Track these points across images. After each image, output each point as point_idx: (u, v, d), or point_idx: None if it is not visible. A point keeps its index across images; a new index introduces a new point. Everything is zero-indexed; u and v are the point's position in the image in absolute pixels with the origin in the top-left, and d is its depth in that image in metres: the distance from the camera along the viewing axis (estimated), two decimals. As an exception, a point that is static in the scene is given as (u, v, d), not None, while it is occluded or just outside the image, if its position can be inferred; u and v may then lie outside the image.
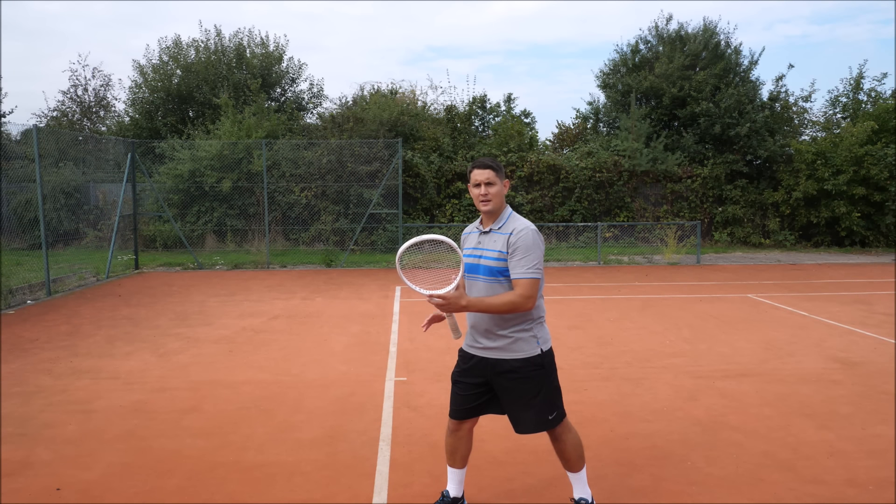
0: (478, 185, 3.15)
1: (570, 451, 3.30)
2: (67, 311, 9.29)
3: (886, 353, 6.74)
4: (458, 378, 3.32)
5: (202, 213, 17.14)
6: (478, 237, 3.24)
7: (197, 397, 5.33)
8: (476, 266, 3.17)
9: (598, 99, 22.17)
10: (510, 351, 3.13)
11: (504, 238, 3.11)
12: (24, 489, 3.72)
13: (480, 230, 3.25)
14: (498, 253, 3.10)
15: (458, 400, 3.32)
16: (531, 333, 3.15)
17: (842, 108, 20.08)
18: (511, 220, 3.18)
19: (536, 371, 3.14)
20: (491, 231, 3.19)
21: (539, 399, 3.16)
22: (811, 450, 4.24)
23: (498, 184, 3.15)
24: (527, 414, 3.17)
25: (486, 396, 3.26)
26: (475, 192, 3.17)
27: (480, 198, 3.15)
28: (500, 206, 3.20)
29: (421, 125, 18.74)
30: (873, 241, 18.12)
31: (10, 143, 19.12)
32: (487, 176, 3.13)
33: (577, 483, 3.38)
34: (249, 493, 3.67)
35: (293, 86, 22.37)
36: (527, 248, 3.05)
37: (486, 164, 3.16)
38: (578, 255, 16.22)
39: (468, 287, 3.22)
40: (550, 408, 3.19)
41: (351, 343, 7.25)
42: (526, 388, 3.14)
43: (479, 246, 3.20)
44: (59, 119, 22.09)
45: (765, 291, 10.81)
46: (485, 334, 3.17)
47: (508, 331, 3.13)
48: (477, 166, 3.18)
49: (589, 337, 7.52)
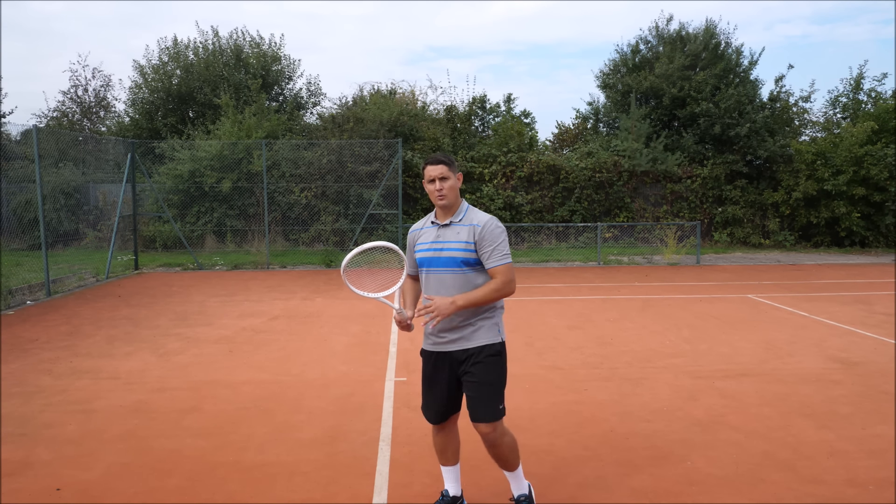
0: (432, 180, 3.18)
1: (508, 452, 3.27)
2: (67, 311, 9.29)
3: (886, 353, 6.74)
4: (431, 382, 3.32)
5: (202, 213, 17.14)
6: (436, 231, 3.25)
7: (197, 397, 5.33)
8: (435, 259, 3.19)
9: (597, 99, 22.21)
10: (474, 339, 3.17)
11: (468, 229, 3.16)
12: (24, 489, 3.72)
13: (438, 224, 3.25)
14: (464, 244, 3.14)
15: (434, 404, 3.32)
16: (493, 321, 3.21)
17: (842, 108, 20.09)
18: (470, 212, 3.24)
19: (495, 358, 3.19)
20: (451, 224, 3.21)
21: (494, 388, 3.18)
22: (811, 450, 4.24)
23: (452, 178, 3.19)
24: (483, 400, 3.16)
25: (459, 390, 3.29)
26: (430, 188, 3.19)
27: (436, 193, 3.17)
28: (456, 199, 3.24)
29: (421, 125, 18.74)
30: (873, 241, 18.13)
31: (10, 143, 19.11)
32: (441, 171, 3.16)
33: (515, 480, 3.38)
34: (249, 493, 3.66)
35: (290, 84, 22.38)
36: (495, 238, 3.13)
37: (439, 160, 3.19)
38: (578, 255, 16.23)
39: (424, 281, 3.26)
40: (500, 398, 3.21)
41: (351, 343, 7.25)
42: (485, 372, 3.16)
43: (439, 239, 3.21)
44: (59, 119, 22.10)
45: (765, 292, 10.81)
46: (451, 328, 3.18)
47: (473, 318, 3.17)
48: (430, 162, 3.21)
49: (589, 337, 7.52)
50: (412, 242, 3.34)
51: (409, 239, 3.39)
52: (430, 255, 3.21)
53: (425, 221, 3.36)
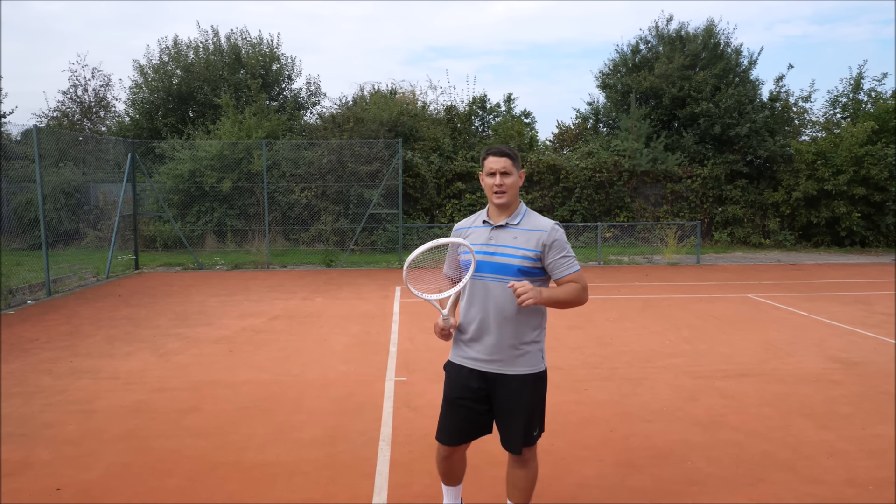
0: (493, 173, 2.80)
1: (531, 479, 3.01)
2: (67, 311, 9.29)
3: (886, 353, 6.74)
4: (460, 399, 2.92)
5: (202, 213, 17.14)
6: (489, 232, 2.86)
7: (197, 397, 5.33)
8: (486, 264, 2.82)
9: (597, 99, 22.22)
10: (516, 365, 2.85)
11: (527, 235, 2.82)
12: (24, 489, 3.72)
13: (491, 224, 2.87)
14: (523, 251, 2.79)
15: (456, 423, 2.95)
16: (539, 346, 2.93)
17: (842, 108, 20.08)
18: (530, 215, 2.90)
19: (538, 385, 2.93)
20: (507, 226, 2.85)
21: (534, 414, 2.94)
22: (811, 450, 4.24)
23: (514, 174, 2.82)
24: (519, 429, 2.90)
25: (488, 416, 2.97)
26: (489, 182, 2.82)
27: (495, 188, 2.80)
28: (515, 198, 2.87)
29: (421, 125, 18.75)
30: (873, 241, 18.12)
31: (10, 143, 19.12)
32: (504, 165, 2.79)
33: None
34: (249, 493, 3.66)
35: (290, 83, 22.39)
36: (564, 244, 2.84)
37: (503, 152, 2.81)
38: (578, 255, 16.21)
39: (471, 286, 2.87)
40: (539, 423, 2.99)
41: (351, 343, 7.25)
42: (526, 402, 2.88)
43: (492, 242, 2.84)
44: (59, 119, 22.09)
45: (765, 291, 10.81)
46: (492, 346, 2.85)
47: (521, 342, 2.85)
48: (493, 153, 2.82)
49: (589, 337, 7.52)
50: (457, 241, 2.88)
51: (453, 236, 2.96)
52: (479, 259, 2.80)
53: (475, 219, 2.97)
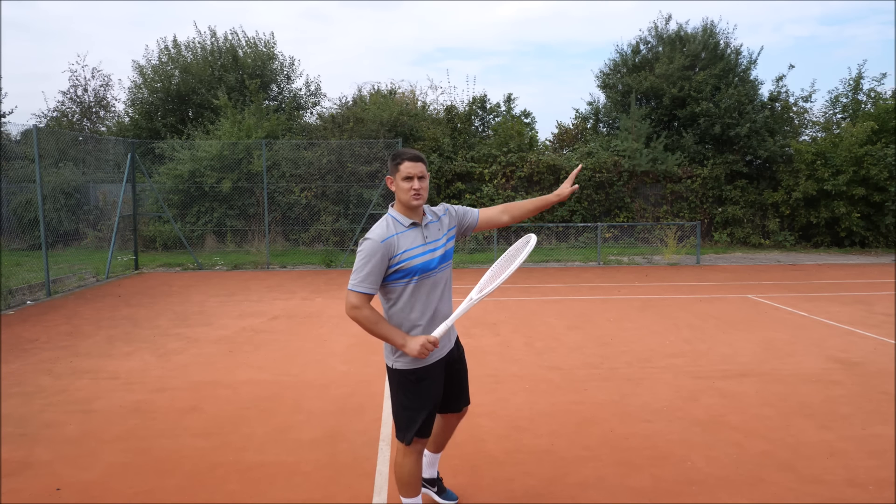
0: (410, 178, 2.91)
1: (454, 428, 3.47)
2: (67, 311, 9.29)
3: (886, 353, 6.74)
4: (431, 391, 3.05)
5: (202, 213, 17.14)
6: (419, 232, 2.98)
7: (197, 397, 5.33)
8: (432, 261, 2.98)
9: (597, 99, 22.22)
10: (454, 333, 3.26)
11: (444, 219, 3.14)
12: (24, 489, 3.72)
13: (417, 225, 3.00)
14: (448, 233, 3.13)
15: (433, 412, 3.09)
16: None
17: (842, 108, 20.09)
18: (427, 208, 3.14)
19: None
20: (428, 224, 3.05)
21: None
22: (811, 450, 4.24)
23: (426, 177, 2.99)
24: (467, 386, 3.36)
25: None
26: (406, 186, 2.91)
27: (412, 192, 2.91)
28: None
29: (421, 125, 18.75)
30: (873, 241, 18.12)
31: (10, 143, 19.12)
32: (421, 169, 2.93)
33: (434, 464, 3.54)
34: (249, 493, 3.66)
35: (289, 83, 22.38)
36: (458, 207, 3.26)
37: (419, 157, 2.95)
38: (578, 255, 16.22)
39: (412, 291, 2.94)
40: None
41: (351, 343, 7.25)
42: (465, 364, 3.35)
43: (429, 239, 3.00)
44: (58, 119, 22.09)
45: (765, 292, 10.81)
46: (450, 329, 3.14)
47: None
48: (409, 158, 2.93)
49: (589, 337, 7.52)
50: (388, 253, 2.86)
51: (382, 250, 2.85)
52: (425, 259, 2.94)
53: (392, 226, 2.94)
